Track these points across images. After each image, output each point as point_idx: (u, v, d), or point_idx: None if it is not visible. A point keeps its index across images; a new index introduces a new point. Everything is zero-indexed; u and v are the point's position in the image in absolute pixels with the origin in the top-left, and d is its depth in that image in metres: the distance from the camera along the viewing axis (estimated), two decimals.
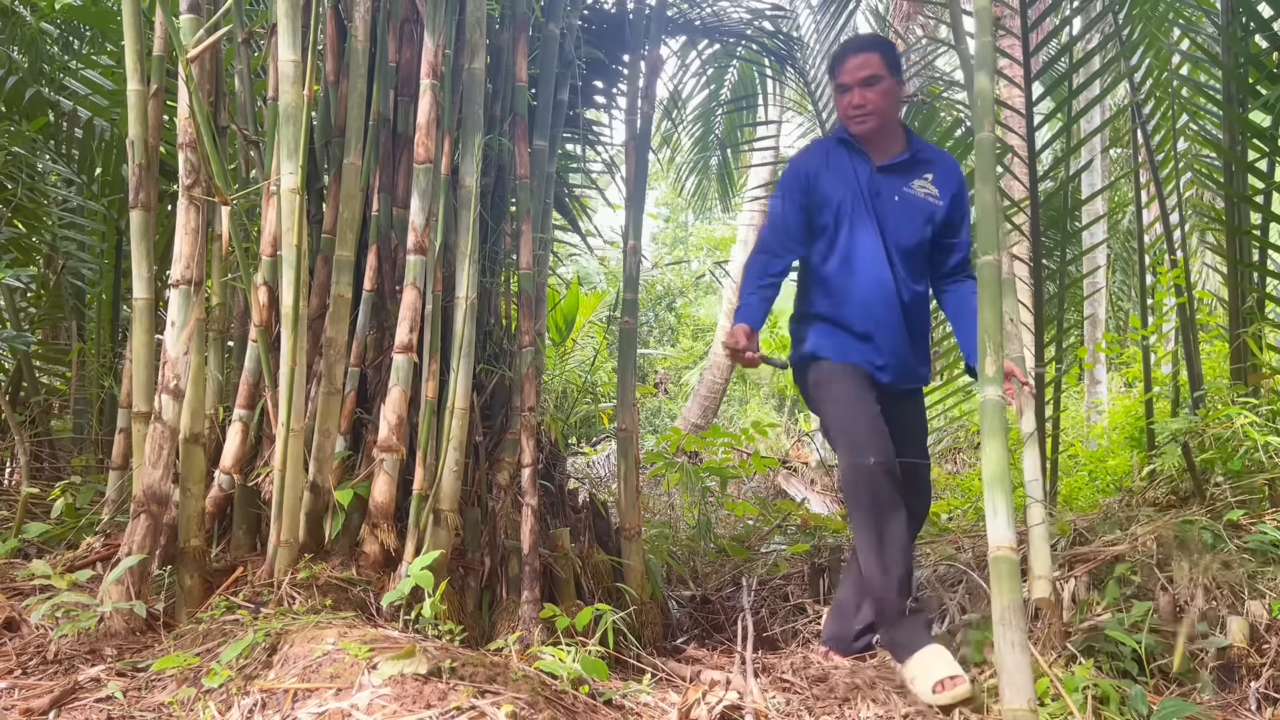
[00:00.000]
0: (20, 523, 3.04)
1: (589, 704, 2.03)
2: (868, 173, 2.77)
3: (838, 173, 2.78)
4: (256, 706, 1.75)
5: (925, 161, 2.81)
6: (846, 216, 2.74)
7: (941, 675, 2.32)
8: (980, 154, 2.25)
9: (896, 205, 2.75)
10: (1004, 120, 4.76)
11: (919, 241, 2.76)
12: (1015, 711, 1.76)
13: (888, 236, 2.74)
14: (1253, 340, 3.67)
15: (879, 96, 2.72)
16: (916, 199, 2.76)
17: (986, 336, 2.07)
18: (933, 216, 2.76)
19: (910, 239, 2.75)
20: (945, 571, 3.36)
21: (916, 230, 2.75)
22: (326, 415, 2.68)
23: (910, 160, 2.79)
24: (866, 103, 2.71)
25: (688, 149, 6.97)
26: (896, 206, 2.75)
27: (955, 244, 2.82)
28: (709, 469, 4.99)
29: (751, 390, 15.28)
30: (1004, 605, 1.84)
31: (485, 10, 2.97)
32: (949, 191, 2.79)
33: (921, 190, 2.77)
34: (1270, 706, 2.34)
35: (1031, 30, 4.23)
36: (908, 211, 2.75)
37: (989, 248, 2.13)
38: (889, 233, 2.74)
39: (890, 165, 2.77)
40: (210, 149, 2.50)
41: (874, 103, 2.71)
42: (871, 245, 2.73)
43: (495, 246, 3.27)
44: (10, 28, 4.15)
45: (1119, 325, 10.96)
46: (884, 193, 2.76)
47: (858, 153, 2.79)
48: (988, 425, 2.00)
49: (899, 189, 2.77)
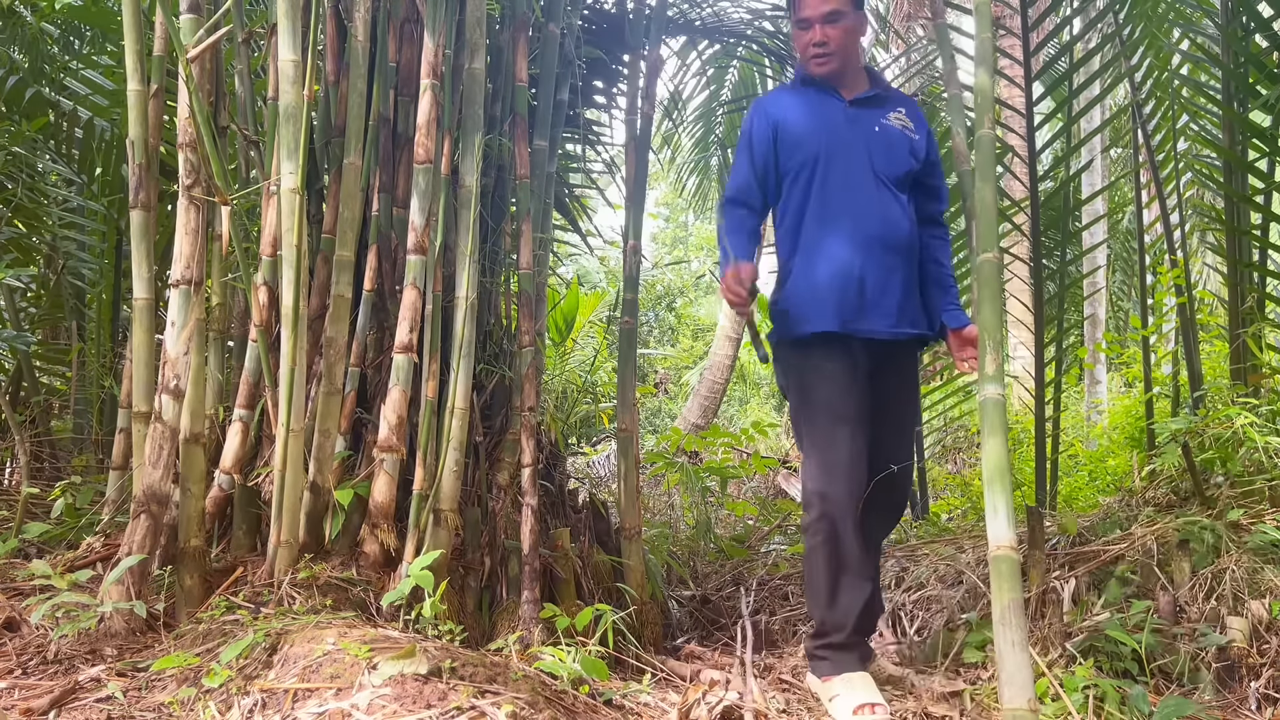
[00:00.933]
0: (20, 523, 3.04)
1: (589, 704, 2.03)
2: (840, 106, 2.57)
3: (808, 111, 2.58)
4: (256, 706, 1.75)
5: (894, 99, 2.65)
6: (824, 152, 2.53)
7: (865, 700, 2.26)
8: (980, 151, 2.25)
9: (878, 135, 2.55)
10: (1004, 120, 4.76)
11: (907, 171, 2.57)
12: (1016, 711, 1.76)
13: (876, 165, 2.52)
14: (1253, 340, 3.67)
15: (841, 34, 2.53)
16: (895, 130, 2.58)
17: (986, 334, 2.07)
18: (914, 150, 2.58)
19: (900, 168, 2.55)
20: (945, 571, 3.37)
21: (904, 160, 2.56)
22: (326, 415, 2.68)
23: (880, 96, 2.62)
24: (829, 40, 2.52)
25: (688, 149, 6.97)
26: (879, 136, 2.55)
27: (937, 187, 2.67)
28: (709, 469, 5.00)
29: (751, 390, 15.28)
30: (1004, 605, 1.83)
31: (485, 10, 2.97)
32: (923, 129, 2.63)
33: (898, 123, 2.59)
34: (1270, 706, 2.34)
35: (1032, 30, 4.23)
36: (889, 141, 2.56)
37: (988, 245, 2.13)
38: (877, 161, 2.53)
39: (862, 99, 2.59)
40: (210, 149, 2.50)
41: (836, 41, 2.52)
42: (863, 173, 2.51)
43: (495, 246, 3.27)
44: (11, 28, 4.15)
45: (1119, 325, 10.96)
46: (863, 122, 2.56)
47: (826, 89, 2.60)
48: (988, 424, 2.00)
49: (877, 120, 2.58)
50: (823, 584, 2.44)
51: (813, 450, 2.48)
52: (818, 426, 2.49)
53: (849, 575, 2.43)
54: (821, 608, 2.45)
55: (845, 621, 2.42)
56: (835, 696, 2.32)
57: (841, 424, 2.45)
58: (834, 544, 2.41)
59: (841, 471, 2.41)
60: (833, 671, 2.38)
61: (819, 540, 2.42)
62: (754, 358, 15.18)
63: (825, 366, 2.50)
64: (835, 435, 2.45)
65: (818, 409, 2.51)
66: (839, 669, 2.38)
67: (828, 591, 2.44)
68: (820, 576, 2.44)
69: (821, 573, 2.43)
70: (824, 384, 2.50)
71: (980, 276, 2.14)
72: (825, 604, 2.44)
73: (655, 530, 4.38)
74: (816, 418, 2.50)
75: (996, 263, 2.13)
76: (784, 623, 3.35)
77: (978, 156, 2.26)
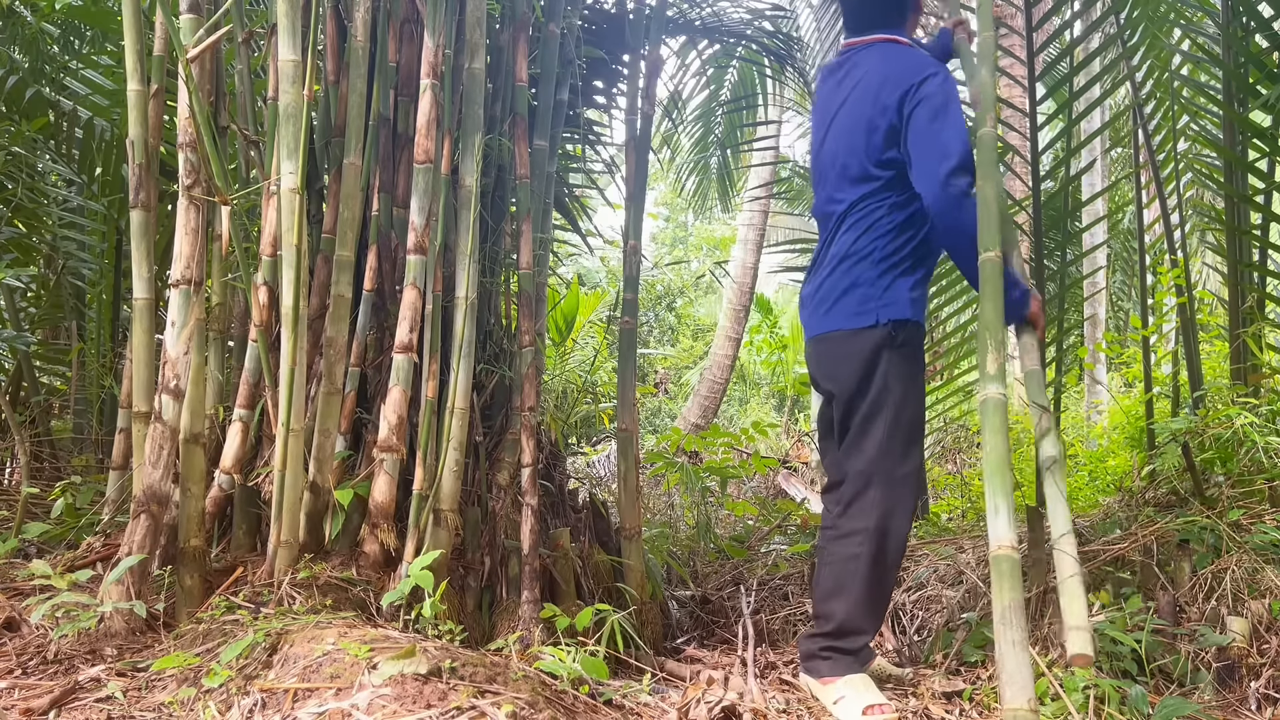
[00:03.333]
0: (20, 523, 3.04)
1: (589, 704, 2.03)
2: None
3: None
4: (256, 706, 1.75)
5: None
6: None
7: (874, 701, 2.26)
8: (981, 149, 2.24)
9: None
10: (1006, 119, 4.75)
11: None
12: (1016, 711, 1.76)
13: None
14: (1253, 340, 3.67)
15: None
16: None
17: (988, 333, 2.07)
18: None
19: None
20: (945, 571, 3.37)
21: None
22: (326, 415, 2.68)
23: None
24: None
25: (688, 149, 6.97)
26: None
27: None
28: (709, 469, 4.99)
29: (751, 390, 15.28)
30: (1005, 605, 1.83)
31: (485, 10, 2.97)
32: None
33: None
34: (1270, 706, 2.34)
35: (1035, 30, 4.23)
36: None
37: (990, 244, 2.13)
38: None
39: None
40: (210, 149, 2.50)
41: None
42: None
43: (495, 246, 3.27)
44: (11, 28, 4.15)
45: (1119, 325, 10.96)
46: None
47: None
48: (989, 423, 2.00)
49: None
50: (880, 591, 2.41)
51: (914, 450, 2.46)
52: (919, 427, 2.48)
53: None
54: (865, 614, 2.39)
55: (876, 628, 2.43)
56: (841, 699, 2.30)
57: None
58: (902, 553, 2.43)
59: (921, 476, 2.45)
60: (833, 673, 2.36)
61: (897, 545, 2.40)
62: (754, 358, 15.20)
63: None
64: (922, 439, 2.48)
65: (921, 409, 2.50)
66: (841, 670, 2.36)
67: (884, 600, 2.44)
68: (883, 584, 2.41)
69: (884, 580, 2.41)
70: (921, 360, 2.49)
71: (981, 274, 2.13)
72: (874, 612, 2.41)
73: (655, 530, 4.38)
74: (919, 419, 2.49)
75: (998, 262, 2.12)
76: (784, 622, 3.35)
77: (979, 154, 2.25)
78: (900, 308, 2.41)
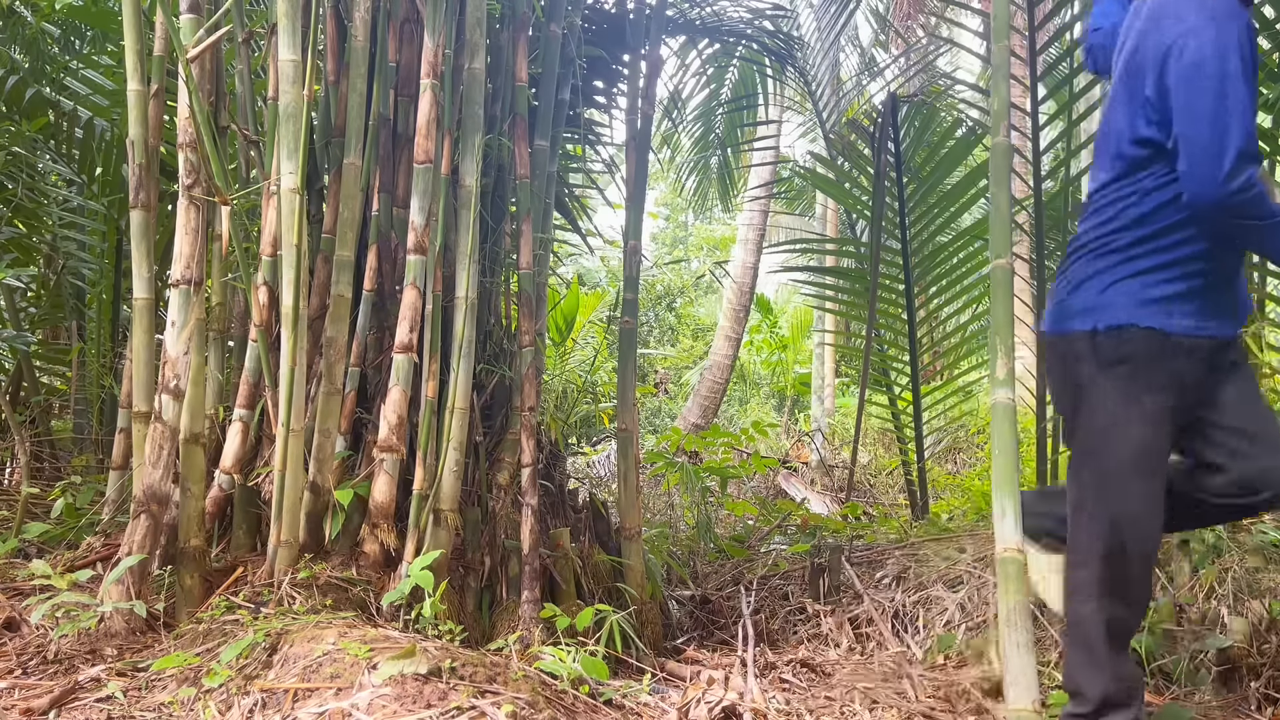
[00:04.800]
0: (20, 523, 3.04)
1: (589, 704, 2.03)
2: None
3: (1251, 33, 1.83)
4: (256, 706, 1.75)
5: None
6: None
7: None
8: (994, 159, 2.25)
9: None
10: None
11: None
12: (1020, 712, 1.76)
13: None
14: (1253, 340, 3.67)
15: None
16: None
17: (998, 339, 2.06)
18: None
19: None
20: (946, 571, 3.36)
21: None
22: (326, 415, 2.68)
23: None
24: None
25: (688, 149, 6.97)
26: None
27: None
28: (709, 469, 4.99)
29: (751, 390, 15.28)
30: (1010, 606, 1.83)
31: (485, 10, 2.97)
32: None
33: None
34: (1270, 706, 2.34)
35: (1037, 30, 4.22)
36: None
37: (1001, 252, 2.13)
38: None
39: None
40: (210, 149, 2.50)
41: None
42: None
43: (495, 246, 3.27)
44: (11, 28, 4.15)
45: None
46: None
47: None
48: (998, 428, 2.00)
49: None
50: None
51: (1110, 509, 1.90)
52: (1147, 438, 1.91)
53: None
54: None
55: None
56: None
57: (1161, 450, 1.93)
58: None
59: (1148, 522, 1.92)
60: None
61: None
62: (754, 358, 15.19)
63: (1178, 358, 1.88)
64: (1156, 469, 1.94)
65: (1150, 416, 1.92)
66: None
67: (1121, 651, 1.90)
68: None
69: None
70: (1164, 382, 1.90)
71: (992, 281, 2.14)
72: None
73: (655, 530, 4.38)
74: (1149, 430, 1.91)
75: (1008, 268, 2.12)
76: (784, 622, 3.35)
77: (992, 164, 2.26)
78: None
